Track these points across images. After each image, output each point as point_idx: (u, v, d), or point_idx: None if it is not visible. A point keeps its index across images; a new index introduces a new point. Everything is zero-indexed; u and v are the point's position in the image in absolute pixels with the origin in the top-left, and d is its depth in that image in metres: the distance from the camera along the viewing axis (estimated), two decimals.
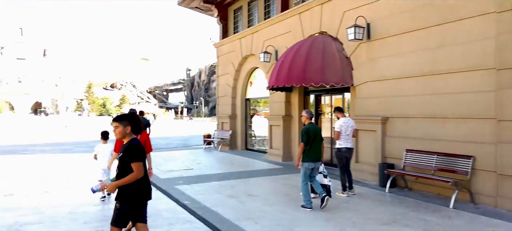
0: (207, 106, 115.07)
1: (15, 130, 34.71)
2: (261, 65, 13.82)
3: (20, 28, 51.26)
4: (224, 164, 12.26)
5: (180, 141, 22.88)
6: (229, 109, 16.29)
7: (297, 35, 11.66)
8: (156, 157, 13.76)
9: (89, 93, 75.69)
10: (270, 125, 13.10)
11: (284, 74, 9.98)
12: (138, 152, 3.75)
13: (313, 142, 6.41)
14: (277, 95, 12.68)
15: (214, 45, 17.64)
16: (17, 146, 18.79)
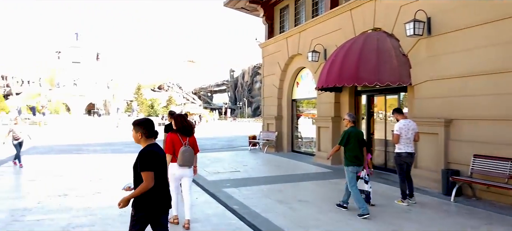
0: (250, 107, 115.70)
1: (71, 130, 36.68)
2: (309, 64, 13.38)
3: (76, 33, 54.43)
4: (271, 166, 11.96)
5: (225, 142, 22.91)
6: (275, 110, 15.98)
7: (347, 33, 11.11)
8: (202, 158, 13.75)
9: (138, 94, 78.64)
10: (318, 126, 12.62)
11: (334, 74, 9.50)
12: (146, 160, 3.35)
13: (356, 146, 6.27)
14: (325, 96, 12.18)
15: (260, 45, 17.42)
16: (72, 145, 19.68)
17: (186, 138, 5.31)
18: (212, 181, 9.37)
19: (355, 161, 6.25)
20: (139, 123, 3.51)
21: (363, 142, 6.44)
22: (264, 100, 17.33)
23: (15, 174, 10.14)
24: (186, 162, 5.22)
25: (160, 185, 3.44)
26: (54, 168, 11.25)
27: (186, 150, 5.21)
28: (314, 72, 12.90)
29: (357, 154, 6.27)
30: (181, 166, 5.22)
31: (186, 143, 5.27)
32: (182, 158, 5.17)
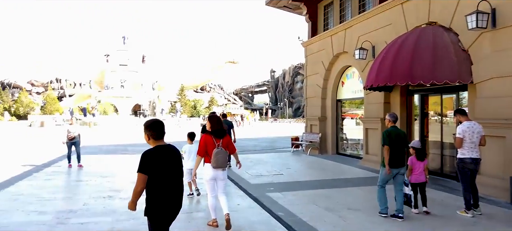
0: (291, 107, 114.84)
1: (118, 130, 38.05)
2: (355, 63, 12.74)
3: (123, 37, 56.58)
4: (315, 169, 11.48)
5: (267, 143, 22.62)
6: (319, 111, 15.44)
7: (399, 28, 10.40)
8: (245, 160, 13.52)
9: (182, 96, 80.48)
10: (366, 128, 11.96)
11: (385, 72, 8.88)
12: (141, 162, 3.24)
13: (395, 146, 6.04)
14: (374, 96, 11.51)
15: (302, 44, 16.94)
16: (119, 145, 20.25)
17: (220, 140, 5.25)
18: (255, 184, 9.08)
19: (393, 162, 6.02)
20: (148, 125, 3.42)
21: (404, 143, 6.21)
22: (307, 101, 16.83)
23: (64, 174, 10.42)
24: (219, 164, 5.18)
25: (164, 188, 3.28)
26: (101, 168, 11.48)
27: (218, 152, 5.16)
28: (361, 70, 12.25)
29: (397, 154, 6.03)
30: (214, 168, 5.20)
31: (219, 144, 5.22)
32: (215, 159, 5.14)
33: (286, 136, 29.95)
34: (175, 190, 3.41)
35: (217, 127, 5.30)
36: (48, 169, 11.22)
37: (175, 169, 3.40)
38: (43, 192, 7.84)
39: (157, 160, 3.26)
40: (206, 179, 5.34)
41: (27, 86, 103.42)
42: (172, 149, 3.45)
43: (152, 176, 3.22)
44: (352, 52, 12.74)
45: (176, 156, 3.44)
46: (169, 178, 3.33)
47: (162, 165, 3.28)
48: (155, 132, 3.38)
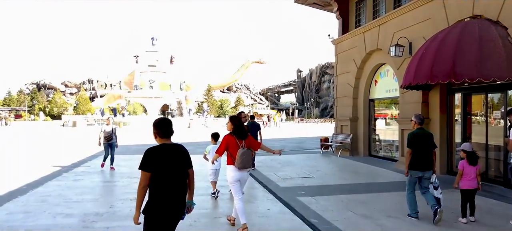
0: (318, 107, 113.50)
1: (147, 130, 38.53)
2: (390, 60, 12.12)
3: (152, 38, 57.35)
4: (347, 172, 10.96)
5: (295, 144, 22.15)
6: (350, 111, 14.86)
7: (438, 23, 9.75)
8: (272, 161, 13.17)
9: (209, 96, 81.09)
10: (402, 129, 11.33)
11: (425, 70, 8.27)
12: (143, 158, 3.17)
13: (421, 149, 5.90)
14: (411, 95, 10.87)
15: (333, 42, 16.39)
16: (147, 145, 20.24)
17: (243, 140, 5.19)
18: (285, 187, 8.69)
19: (417, 165, 5.90)
20: (155, 123, 3.39)
21: (431, 145, 6.02)
22: (337, 101, 16.26)
23: (92, 175, 10.37)
24: (245, 164, 5.08)
25: (164, 187, 3.17)
26: (129, 169, 11.40)
27: (244, 152, 5.07)
28: (397, 68, 11.63)
29: (423, 157, 5.89)
30: (240, 168, 5.09)
31: (243, 145, 5.13)
32: (240, 160, 5.04)
33: (313, 137, 29.37)
34: (176, 191, 3.26)
35: (240, 127, 5.24)
36: (77, 169, 11.25)
37: (178, 169, 3.28)
38: (71, 193, 7.76)
39: (160, 158, 3.18)
40: (231, 181, 5.21)
41: (61, 87, 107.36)
42: (178, 148, 3.36)
43: (154, 174, 3.15)
44: (386, 49, 12.14)
45: (181, 156, 3.33)
46: (171, 177, 3.22)
47: (164, 163, 3.19)
48: (160, 130, 3.32)
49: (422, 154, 5.92)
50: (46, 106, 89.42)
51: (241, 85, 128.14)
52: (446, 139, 10.13)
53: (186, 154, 3.42)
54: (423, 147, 5.94)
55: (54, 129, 41.72)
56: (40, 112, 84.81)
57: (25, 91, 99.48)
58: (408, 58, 10.95)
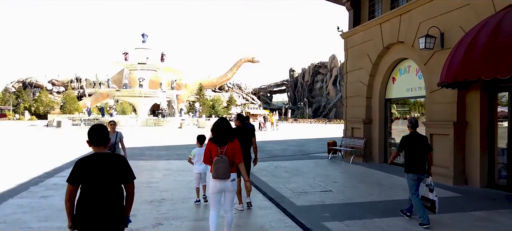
0: (311, 107, 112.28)
1: (135, 131, 36.64)
2: (414, 54, 10.60)
3: (142, 35, 55.04)
4: (369, 184, 9.36)
5: (296, 147, 20.55)
6: (363, 112, 13.30)
7: (481, 9, 8.23)
8: (279, 169, 11.55)
9: (200, 95, 79.14)
10: (431, 133, 9.77)
11: (476, 62, 6.73)
12: (71, 170, 2.98)
13: (414, 153, 6.00)
14: (442, 94, 9.35)
15: (342, 35, 14.81)
16: (135, 148, 18.54)
17: (224, 147, 4.57)
18: (303, 207, 7.07)
19: (415, 168, 5.95)
20: (88, 130, 3.15)
21: (425, 148, 6.07)
22: (346, 100, 14.69)
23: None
24: (219, 174, 4.50)
25: (89, 202, 2.93)
26: None
27: (218, 160, 4.50)
28: (424, 64, 10.09)
29: (415, 160, 5.98)
30: (213, 178, 4.57)
31: (223, 152, 4.54)
32: (214, 168, 4.52)
33: (313, 138, 27.86)
34: (103, 207, 2.95)
35: (218, 133, 4.63)
36: (50, 180, 9.47)
37: (108, 182, 2.98)
38: (32, 218, 6.01)
39: (88, 170, 2.96)
40: (211, 192, 4.68)
41: (48, 86, 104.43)
42: (113, 158, 3.07)
43: (82, 186, 2.96)
44: (409, 41, 10.61)
45: (115, 168, 3.02)
46: (98, 191, 2.95)
47: (92, 175, 2.96)
48: (91, 138, 3.08)
49: (416, 157, 5.97)
50: (32, 105, 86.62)
51: (233, 85, 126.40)
52: (487, 145, 8.60)
53: (123, 165, 3.09)
54: (416, 150, 6.00)
55: (37, 129, 39.51)
56: (25, 112, 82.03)
57: (10, 90, 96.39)
58: (439, 51, 9.43)
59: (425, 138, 6.24)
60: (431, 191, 5.98)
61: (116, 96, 55.15)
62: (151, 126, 45.05)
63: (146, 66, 54.67)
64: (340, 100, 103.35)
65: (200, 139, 7.42)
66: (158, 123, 46.51)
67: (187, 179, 9.71)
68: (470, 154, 8.87)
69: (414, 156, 5.98)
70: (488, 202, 7.46)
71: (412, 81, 11.40)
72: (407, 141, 6.11)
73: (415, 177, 5.95)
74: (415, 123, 6.22)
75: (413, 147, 6.02)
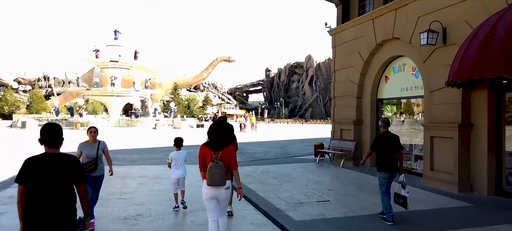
0: (287, 107, 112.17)
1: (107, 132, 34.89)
2: (412, 51, 9.93)
3: (115, 31, 52.64)
4: (369, 192, 8.55)
5: (278, 149, 19.69)
6: (353, 113, 12.57)
7: (490, 3, 7.58)
8: (265, 175, 10.62)
9: (175, 95, 77.11)
10: (431, 136, 9.11)
11: (495, 59, 6.03)
12: (19, 171, 2.86)
13: (386, 152, 6.13)
14: (444, 95, 8.69)
15: (330, 32, 14.05)
16: None
17: (218, 152, 4.32)
18: (303, 222, 6.17)
19: (386, 167, 6.11)
20: (40, 128, 3.02)
21: (396, 147, 6.19)
22: (334, 100, 13.94)
23: None
24: (214, 181, 4.26)
25: (40, 204, 2.80)
26: None
27: (214, 166, 4.25)
28: (423, 61, 9.41)
29: (387, 159, 6.11)
30: (208, 185, 4.30)
31: (218, 157, 4.29)
32: (209, 175, 4.25)
33: (295, 139, 27.13)
34: (53, 209, 2.81)
35: (215, 137, 4.40)
36: (4, 192, 8.14)
37: (58, 183, 2.86)
38: None
39: (37, 169, 2.83)
40: (205, 199, 4.41)
41: (14, 84, 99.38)
42: (64, 159, 2.96)
43: (30, 187, 2.81)
44: (406, 37, 9.93)
45: (65, 169, 2.91)
46: (48, 193, 2.81)
47: (41, 176, 2.82)
48: (41, 137, 2.97)
49: (388, 156, 6.09)
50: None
51: (208, 84, 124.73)
52: (495, 148, 7.98)
53: (74, 166, 3.00)
54: (388, 149, 6.11)
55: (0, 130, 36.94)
56: None
57: None
58: (441, 48, 8.77)
59: (397, 137, 6.34)
60: (404, 188, 6.15)
61: (86, 95, 52.63)
62: (124, 126, 43.12)
63: (119, 64, 52.44)
64: (316, 101, 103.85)
65: (178, 142, 6.86)
66: (131, 123, 44.57)
67: (166, 188, 8.62)
68: (475, 158, 8.22)
69: (386, 155, 6.11)
70: (505, 212, 6.80)
71: (407, 80, 10.75)
72: (379, 140, 6.24)
73: (386, 176, 6.10)
74: (387, 123, 6.38)
75: (385, 146, 6.14)
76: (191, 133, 31.09)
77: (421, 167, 10.17)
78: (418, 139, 10.50)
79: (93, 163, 5.66)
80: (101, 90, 49.95)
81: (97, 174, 5.77)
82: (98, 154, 5.77)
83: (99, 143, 5.89)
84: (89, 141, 5.84)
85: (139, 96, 52.20)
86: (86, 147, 5.75)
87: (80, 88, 50.72)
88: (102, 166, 5.92)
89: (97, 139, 5.92)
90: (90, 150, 5.71)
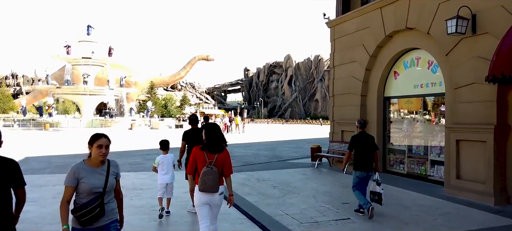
0: (266, 107, 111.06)
1: (79, 133, 32.61)
2: (431, 43, 8.77)
3: (88, 26, 49.67)
4: (394, 207, 7.17)
5: (267, 151, 18.32)
6: (356, 113, 11.34)
7: None
8: (261, 183, 9.21)
9: (152, 94, 74.56)
10: (458, 139, 7.93)
11: None
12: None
13: (362, 151, 6.38)
14: (473, 92, 7.55)
15: (329, 24, 12.79)
16: (77, 156, 15.30)
17: (214, 156, 4.03)
18: None
19: (360, 167, 6.41)
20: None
21: (372, 147, 6.43)
22: (334, 99, 12.69)
23: None
24: (207, 187, 3.96)
25: None
26: (45, 202, 6.82)
27: (208, 172, 3.95)
28: (445, 54, 8.25)
29: (364, 159, 6.36)
30: (200, 191, 3.99)
31: (212, 162, 3.99)
32: (202, 181, 3.95)
33: (282, 141, 25.88)
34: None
35: (212, 140, 4.08)
36: None
37: None
38: None
39: None
40: (197, 204, 4.09)
41: None
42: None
43: None
44: (424, 27, 8.77)
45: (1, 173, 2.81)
46: None
47: None
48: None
49: (364, 156, 6.35)
50: None
51: (186, 84, 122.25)
52: None
53: (11, 170, 2.87)
54: (364, 149, 6.35)
55: None
56: None
57: None
58: (468, 38, 7.67)
59: (373, 137, 6.64)
60: (379, 185, 6.41)
61: (57, 94, 49.60)
62: (98, 127, 40.68)
63: (92, 61, 49.67)
64: (295, 101, 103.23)
65: (164, 144, 6.40)
66: (105, 123, 42.15)
67: (150, 204, 7.11)
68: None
69: (362, 154, 6.38)
70: None
71: (422, 76, 9.58)
72: (356, 140, 6.50)
73: (362, 175, 6.42)
74: (363, 123, 6.66)
75: (362, 146, 6.40)
76: (170, 134, 29.36)
77: (439, 173, 9.04)
78: (435, 142, 9.36)
79: (98, 204, 3.08)
80: (73, 88, 47.13)
81: (106, 221, 3.17)
82: (108, 184, 3.20)
83: (110, 166, 3.29)
84: (93, 161, 3.21)
85: (113, 95, 49.64)
86: (88, 172, 3.15)
87: (49, 86, 47.68)
88: (114, 205, 3.31)
89: (107, 158, 3.30)
90: (94, 177, 3.15)
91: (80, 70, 48.80)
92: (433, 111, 9.66)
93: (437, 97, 9.43)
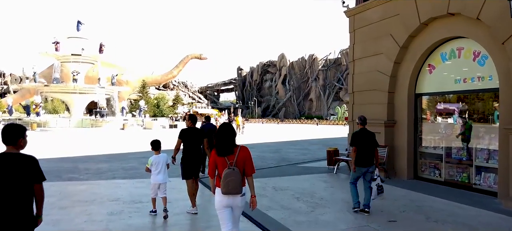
0: (260, 107, 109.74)
1: (68, 133, 30.97)
2: (480, 31, 7.53)
3: (78, 22, 47.67)
4: (450, 223, 5.99)
5: (273, 153, 16.99)
6: (382, 112, 10.08)
7: None
8: (281, 193, 7.89)
9: (143, 93, 72.74)
10: None
11: None
12: None
13: (363, 148, 6.44)
14: None
15: (348, 13, 11.51)
16: (65, 159, 13.82)
17: (233, 156, 3.84)
18: None
19: (360, 162, 6.48)
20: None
21: (372, 143, 6.52)
22: (354, 96, 11.41)
23: None
24: (229, 189, 3.77)
25: None
26: None
27: (230, 173, 3.77)
28: (502, 42, 7.01)
29: (365, 155, 6.45)
30: (223, 193, 3.80)
31: (232, 163, 3.80)
32: (225, 183, 3.76)
33: (283, 141, 24.60)
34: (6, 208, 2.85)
35: (222, 141, 3.87)
36: None
37: (10, 183, 2.87)
38: None
39: None
40: (218, 207, 3.95)
41: None
42: (17, 158, 2.95)
43: None
44: (472, 11, 7.55)
45: (18, 169, 2.90)
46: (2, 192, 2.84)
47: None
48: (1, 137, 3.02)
49: (365, 152, 6.44)
50: None
51: (178, 83, 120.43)
52: None
53: (31, 166, 2.97)
54: (366, 146, 6.45)
55: None
56: None
57: None
58: None
59: (373, 134, 6.65)
60: (374, 180, 6.53)
61: (45, 92, 47.61)
62: (88, 127, 38.97)
63: (82, 58, 47.80)
64: (289, 100, 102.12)
65: (155, 144, 6.33)
66: (96, 123, 40.38)
67: (151, 221, 5.77)
68: None
69: (364, 151, 6.44)
70: None
71: (465, 69, 8.34)
72: (357, 137, 6.53)
73: (361, 171, 6.49)
74: (363, 120, 6.67)
75: (363, 143, 6.44)
76: (164, 134, 27.88)
77: (488, 182, 7.80)
78: (482, 145, 8.13)
79: None
80: (62, 86, 45.20)
81: None
82: None
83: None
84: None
85: (104, 93, 47.84)
86: None
87: (37, 85, 45.68)
88: None
89: None
90: None
91: (70, 68, 46.93)
92: (477, 110, 8.43)
93: (484, 94, 8.19)
